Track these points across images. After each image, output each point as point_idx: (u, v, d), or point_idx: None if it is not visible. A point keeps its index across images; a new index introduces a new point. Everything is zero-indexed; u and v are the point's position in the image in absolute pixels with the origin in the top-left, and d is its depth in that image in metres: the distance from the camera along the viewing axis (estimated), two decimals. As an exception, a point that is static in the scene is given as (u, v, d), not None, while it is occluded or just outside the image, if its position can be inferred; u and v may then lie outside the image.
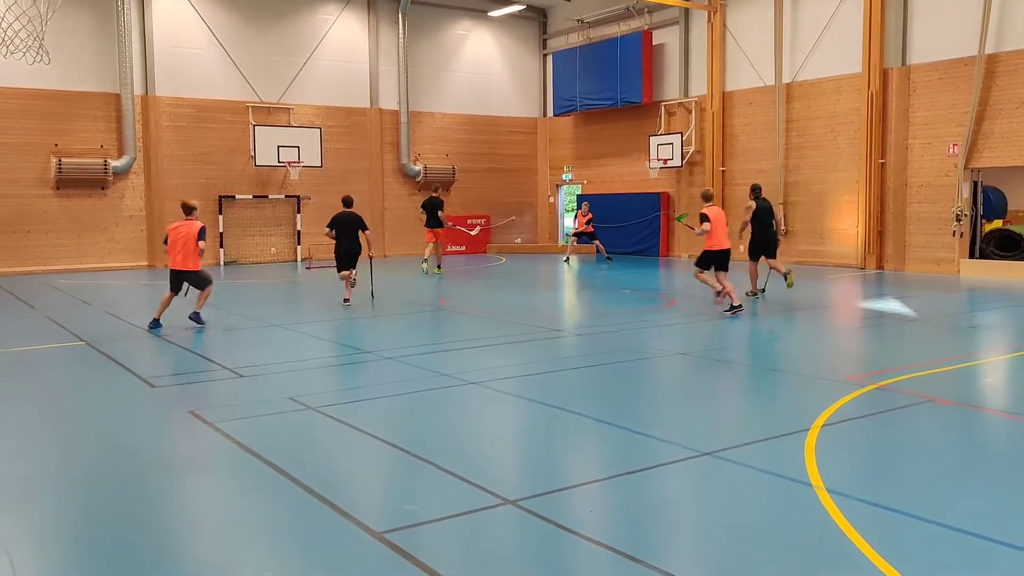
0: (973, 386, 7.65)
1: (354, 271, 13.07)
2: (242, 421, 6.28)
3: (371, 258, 13.65)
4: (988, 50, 16.74)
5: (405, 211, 24.58)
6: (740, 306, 11.61)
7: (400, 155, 24.34)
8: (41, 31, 13.08)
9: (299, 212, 22.69)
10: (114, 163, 20.01)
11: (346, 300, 12.97)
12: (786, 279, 13.34)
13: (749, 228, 13.67)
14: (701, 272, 12.41)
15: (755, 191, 13.93)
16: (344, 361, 8.79)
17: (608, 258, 21.41)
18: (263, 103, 22.03)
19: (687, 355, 8.88)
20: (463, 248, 25.11)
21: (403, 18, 23.73)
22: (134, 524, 4.37)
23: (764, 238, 13.62)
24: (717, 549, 4.06)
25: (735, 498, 4.68)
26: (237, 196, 21.74)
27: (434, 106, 25.12)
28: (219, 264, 21.44)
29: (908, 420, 6.26)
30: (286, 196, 22.56)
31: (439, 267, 19.02)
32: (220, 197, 21.42)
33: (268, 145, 21.45)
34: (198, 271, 10.88)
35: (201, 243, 10.70)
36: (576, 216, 22.09)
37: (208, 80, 21.29)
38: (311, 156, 22.02)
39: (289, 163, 21.66)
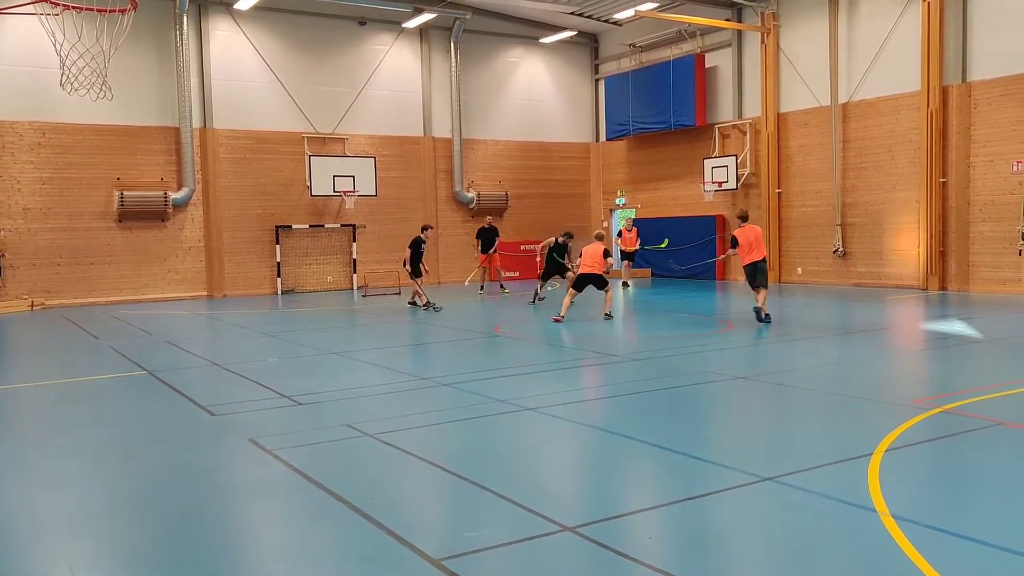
0: (1047, 411, 7.37)
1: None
2: (300, 448, 6.38)
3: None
4: (1054, 64, 16.29)
5: (459, 238, 24.84)
6: (767, 317, 12.74)
7: (453, 182, 24.64)
8: (104, 68, 13.60)
9: (355, 240, 23.10)
10: (174, 195, 20.66)
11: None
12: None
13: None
14: (756, 292, 13.17)
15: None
16: (400, 388, 8.89)
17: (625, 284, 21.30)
18: (318, 133, 22.58)
19: (745, 379, 8.75)
20: (516, 274, 25.21)
21: (455, 46, 24.14)
22: (196, 550, 4.48)
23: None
24: (780, 578, 3.98)
25: (796, 524, 4.58)
26: (294, 226, 22.26)
27: (487, 133, 25.41)
28: (277, 293, 21.92)
29: (976, 444, 6.06)
30: (342, 225, 23.01)
31: (482, 288, 20.71)
32: (277, 227, 21.96)
33: (323, 175, 21.95)
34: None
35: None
36: (621, 235, 21.89)
37: (264, 112, 21.92)
38: (366, 185, 22.45)
39: (344, 192, 22.12)
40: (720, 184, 22.59)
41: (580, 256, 14.41)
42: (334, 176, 22.00)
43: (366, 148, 23.26)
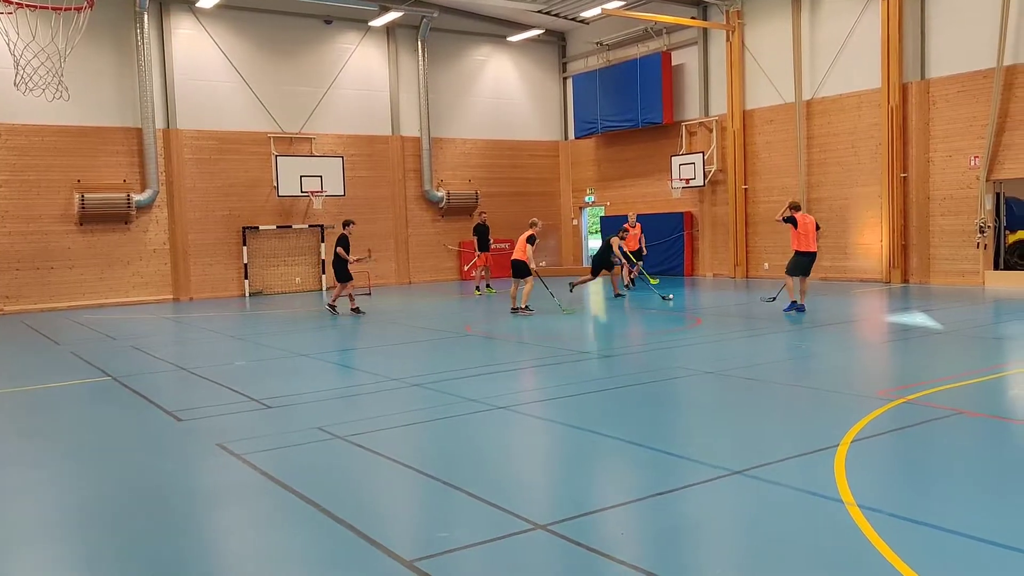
0: (1001, 398, 7.56)
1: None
2: (270, 452, 6.33)
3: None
4: (1007, 62, 16.65)
5: (428, 237, 24.79)
6: (802, 307, 13.14)
7: (423, 182, 24.57)
8: (59, 67, 13.29)
9: (323, 241, 22.93)
10: (137, 197, 20.31)
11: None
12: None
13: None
14: (790, 280, 13.35)
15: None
16: (371, 389, 8.85)
17: (619, 294, 18.40)
18: (285, 133, 22.38)
19: (715, 374, 8.84)
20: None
21: (423, 45, 24.07)
22: (163, 557, 4.41)
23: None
24: (749, 568, 4.03)
25: (766, 516, 4.65)
26: (261, 227, 22.04)
27: (455, 132, 25.37)
28: (244, 295, 21.69)
29: (938, 433, 6.19)
30: (310, 226, 22.83)
31: (489, 286, 20.12)
32: (244, 228, 21.72)
33: (290, 175, 21.75)
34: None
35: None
36: (625, 232, 18.69)
37: (229, 112, 21.66)
38: (334, 185, 22.29)
39: (312, 192, 21.94)
40: (688, 181, 22.78)
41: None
42: (301, 176, 21.81)
43: (333, 148, 23.10)
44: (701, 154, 22.65)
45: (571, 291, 18.18)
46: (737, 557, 4.21)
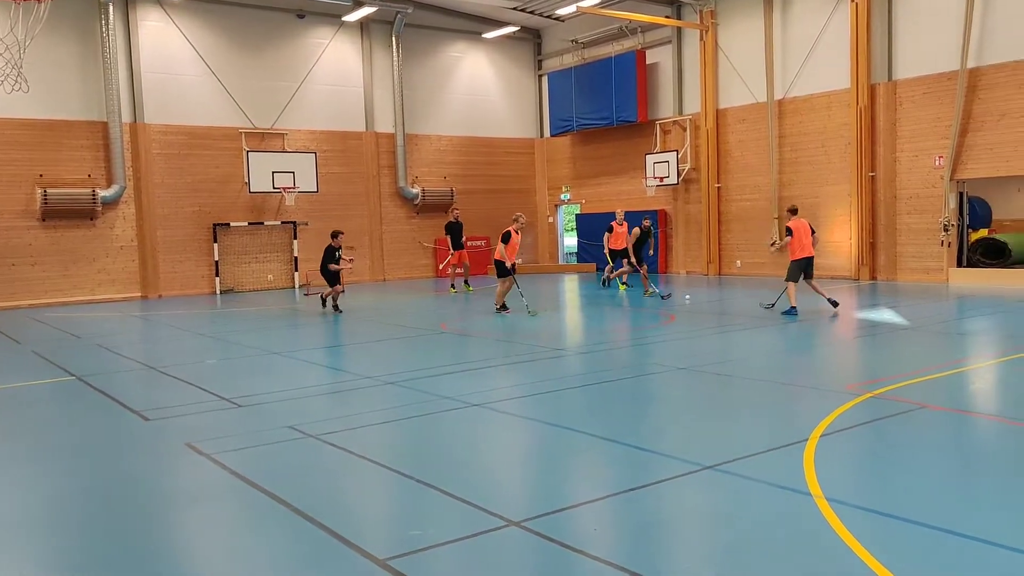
0: (964, 391, 7.73)
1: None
2: (240, 452, 6.28)
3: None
4: (970, 64, 16.95)
5: (403, 234, 24.70)
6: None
7: (397, 178, 24.47)
8: (19, 59, 12.94)
9: (296, 238, 22.77)
10: (103, 193, 19.97)
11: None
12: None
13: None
14: (792, 286, 13.25)
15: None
16: (344, 387, 8.81)
17: (616, 283, 18.81)
18: (256, 129, 22.17)
19: (688, 370, 8.92)
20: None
21: (397, 41, 23.96)
22: (131, 559, 4.37)
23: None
24: (720, 562, 4.08)
25: (737, 511, 4.70)
26: (232, 223, 21.82)
27: (430, 129, 25.30)
28: (215, 292, 21.47)
29: (903, 427, 6.30)
30: (282, 222, 22.64)
31: (467, 283, 19.88)
32: (214, 225, 21.49)
33: (262, 171, 21.55)
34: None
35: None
36: (612, 231, 18.23)
37: (199, 107, 21.39)
38: (307, 181, 22.13)
39: (284, 189, 21.77)
40: (662, 179, 22.92)
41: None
42: (273, 172, 21.63)
43: (306, 143, 22.93)
44: (675, 152, 22.79)
45: (606, 286, 18.72)
46: (708, 551, 4.26)
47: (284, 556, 4.32)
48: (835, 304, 13.23)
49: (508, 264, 14.42)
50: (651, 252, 19.64)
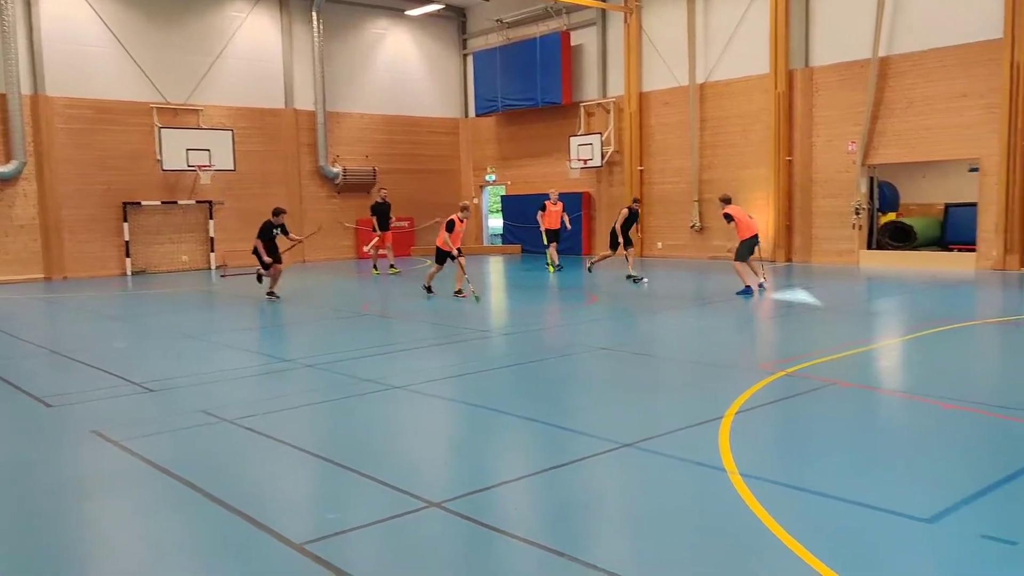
0: (872, 369, 8.04)
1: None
2: (151, 438, 6.04)
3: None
4: (881, 53, 17.57)
5: (324, 214, 24.20)
6: (750, 289, 13.19)
7: (318, 157, 23.94)
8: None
9: (212, 218, 22.05)
10: (0, 168, 18.92)
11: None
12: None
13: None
14: (741, 265, 13.48)
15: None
16: (261, 371, 8.58)
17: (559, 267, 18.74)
18: (169, 104, 21.30)
19: (609, 350, 9.01)
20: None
21: (317, 16, 23.34)
22: (37, 553, 4.16)
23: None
24: (637, 537, 4.14)
25: (654, 487, 4.78)
26: (143, 202, 20.96)
27: (352, 106, 24.80)
28: (126, 274, 20.64)
29: (814, 404, 6.52)
30: (197, 201, 21.88)
31: (392, 266, 19.36)
32: (124, 203, 20.60)
33: (176, 148, 20.73)
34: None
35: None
36: (545, 210, 18.37)
37: (106, 80, 20.41)
38: (223, 159, 21.42)
39: (199, 167, 21.02)
40: (586, 161, 23.08)
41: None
42: (187, 149, 20.84)
43: (223, 120, 22.17)
44: (599, 135, 22.96)
45: (590, 271, 17.68)
46: (626, 527, 4.31)
47: (198, 544, 4.19)
48: (762, 287, 13.60)
49: (453, 252, 13.88)
50: (568, 227, 19.36)
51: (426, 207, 25.40)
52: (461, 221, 14.17)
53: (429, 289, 14.48)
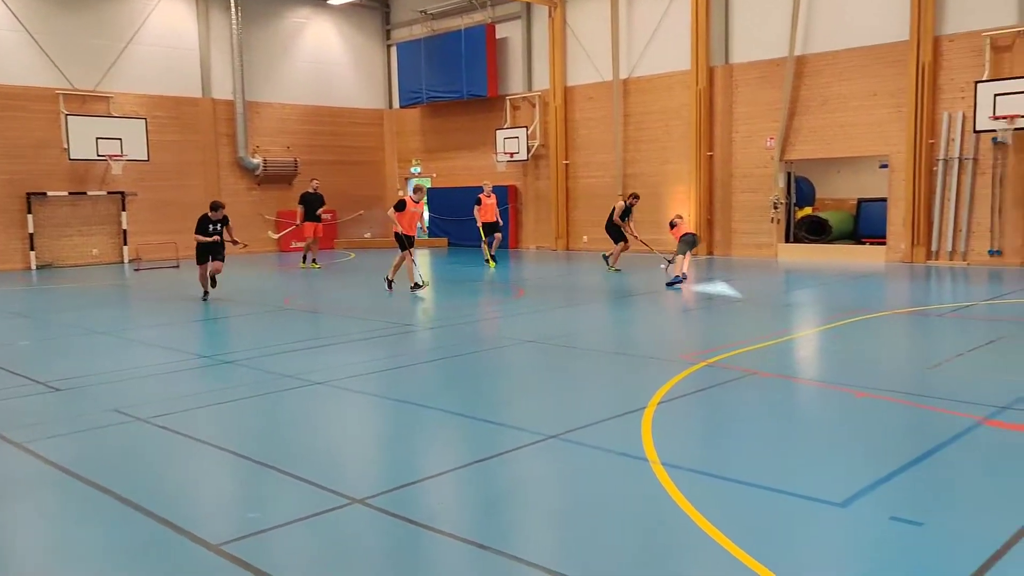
0: (789, 358, 8.29)
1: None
2: (58, 439, 5.76)
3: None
4: (797, 52, 18.13)
5: (244, 207, 23.54)
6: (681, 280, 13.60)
7: (237, 147, 23.28)
8: None
9: (124, 210, 21.20)
10: None
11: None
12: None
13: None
14: (683, 256, 13.99)
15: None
16: (178, 368, 8.29)
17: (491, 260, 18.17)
18: (76, 91, 20.35)
19: (535, 343, 9.04)
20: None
21: (235, 3, 22.66)
22: (-70, 558, 3.92)
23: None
24: (561, 529, 4.16)
25: (578, 478, 4.81)
26: (49, 193, 19.98)
27: (273, 96, 24.20)
28: (31, 268, 19.67)
29: (733, 393, 6.68)
30: (108, 192, 20.99)
31: (315, 261, 18.78)
32: (28, 194, 19.60)
33: (85, 137, 19.82)
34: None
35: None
36: (480, 204, 18.09)
37: (8, 64, 19.34)
38: (136, 149, 20.59)
39: (110, 157, 20.16)
40: (512, 155, 23.10)
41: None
42: (97, 138, 19.96)
43: (135, 108, 21.32)
44: (524, 128, 23.01)
45: (614, 271, 16.49)
46: (550, 519, 4.33)
47: (111, 549, 4.01)
48: (683, 280, 13.84)
49: (401, 233, 13.30)
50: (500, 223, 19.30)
51: (350, 199, 24.99)
52: (416, 203, 13.53)
53: (390, 284, 13.77)
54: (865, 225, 19.87)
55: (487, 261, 18.15)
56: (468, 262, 18.90)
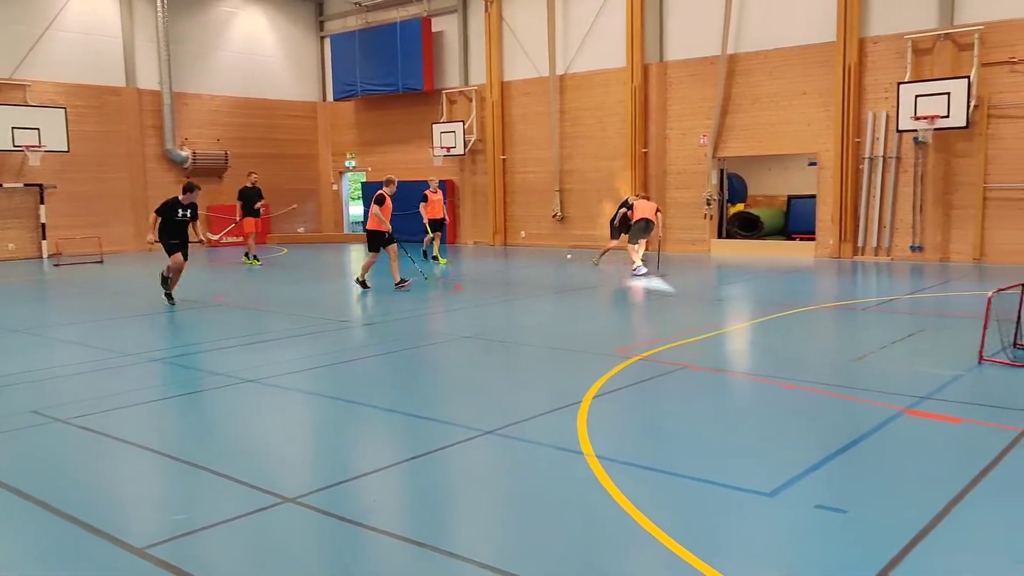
0: (721, 352, 8.47)
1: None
2: (-28, 439, 5.50)
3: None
4: (729, 51, 18.49)
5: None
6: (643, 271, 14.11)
7: (164, 139, 22.57)
8: None
9: (43, 203, 20.34)
10: None
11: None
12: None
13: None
14: (633, 246, 14.67)
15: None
16: (101, 366, 7.98)
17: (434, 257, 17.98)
18: (-7, 78, 19.47)
19: (472, 338, 9.02)
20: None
21: (162, -10, 21.98)
22: None
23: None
24: (497, 524, 4.16)
25: (515, 473, 4.82)
26: (-35, 184, 19.10)
27: (202, 87, 23.54)
28: (-54, 262, 18.74)
29: (666, 386, 6.78)
30: (25, 185, 20.11)
31: (256, 258, 18.19)
32: (-57, 185, 18.70)
33: None
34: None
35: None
36: (427, 200, 17.75)
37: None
38: (55, 140, 19.76)
39: (27, 147, 19.31)
40: (449, 149, 22.99)
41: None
42: (13, 128, 19.08)
43: (54, 97, 20.46)
44: (461, 123, 22.92)
45: (596, 265, 16.35)
46: (486, 514, 4.32)
47: (29, 555, 3.84)
48: (641, 272, 14.25)
49: (388, 229, 12.80)
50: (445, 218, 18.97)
51: (283, 193, 24.43)
52: (390, 196, 13.05)
53: (364, 284, 13.08)
54: (795, 221, 20.42)
55: (435, 258, 17.88)
56: (404, 256, 18.69)
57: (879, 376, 6.95)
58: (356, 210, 27.59)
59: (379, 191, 13.23)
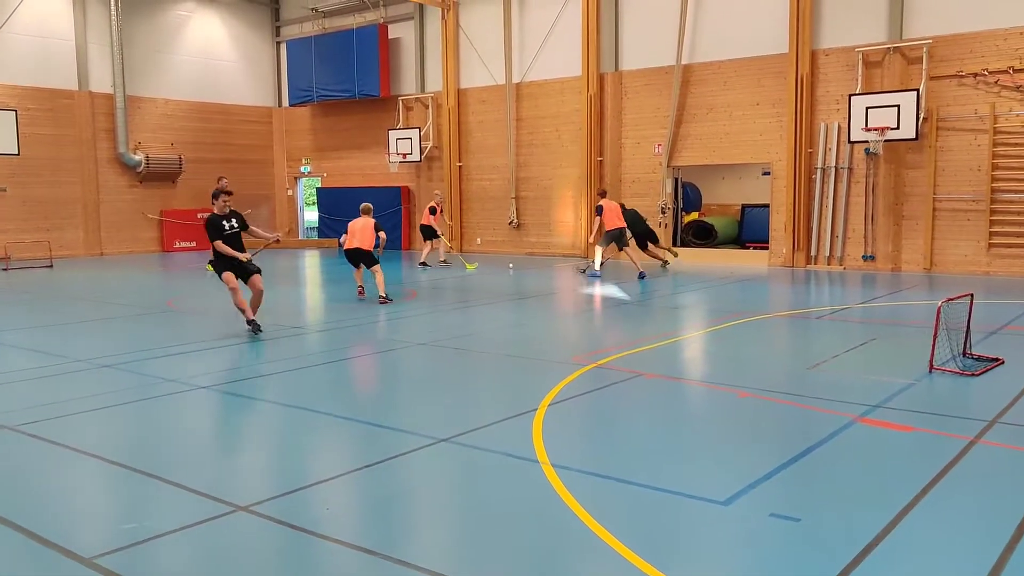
0: (676, 360, 8.57)
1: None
2: (-87, 450, 5.35)
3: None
4: (684, 61, 18.78)
5: (124, 205, 22.50)
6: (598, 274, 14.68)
7: (117, 143, 22.16)
8: None
9: (-9, 206, 19.85)
10: None
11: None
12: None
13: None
14: (599, 248, 15.27)
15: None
16: (50, 372, 7.82)
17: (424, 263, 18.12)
18: (-62, 79, 18.92)
19: (427, 345, 9.02)
20: (193, 244, 23.43)
21: (114, -8, 21.59)
22: None
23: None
24: (451, 532, 4.19)
25: (469, 481, 4.85)
26: (-93, 187, 18.52)
27: (156, 91, 23.18)
28: None
29: (621, 394, 6.86)
30: (-26, 188, 19.60)
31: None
32: None
33: (-54, 128, 18.46)
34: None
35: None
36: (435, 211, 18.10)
37: None
38: (6, 143, 19.23)
39: (-24, 150, 18.81)
40: (405, 156, 22.93)
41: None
42: (-40, 130, 18.59)
43: (5, 100, 19.97)
44: (417, 130, 22.88)
45: (643, 277, 15.46)
46: (441, 522, 4.35)
47: (-37, 570, 3.75)
48: (642, 276, 14.51)
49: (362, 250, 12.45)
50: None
51: (238, 198, 24.05)
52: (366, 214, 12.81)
53: (386, 298, 12.27)
54: (749, 230, 20.77)
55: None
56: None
57: (832, 384, 7.04)
58: (311, 215, 27.32)
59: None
